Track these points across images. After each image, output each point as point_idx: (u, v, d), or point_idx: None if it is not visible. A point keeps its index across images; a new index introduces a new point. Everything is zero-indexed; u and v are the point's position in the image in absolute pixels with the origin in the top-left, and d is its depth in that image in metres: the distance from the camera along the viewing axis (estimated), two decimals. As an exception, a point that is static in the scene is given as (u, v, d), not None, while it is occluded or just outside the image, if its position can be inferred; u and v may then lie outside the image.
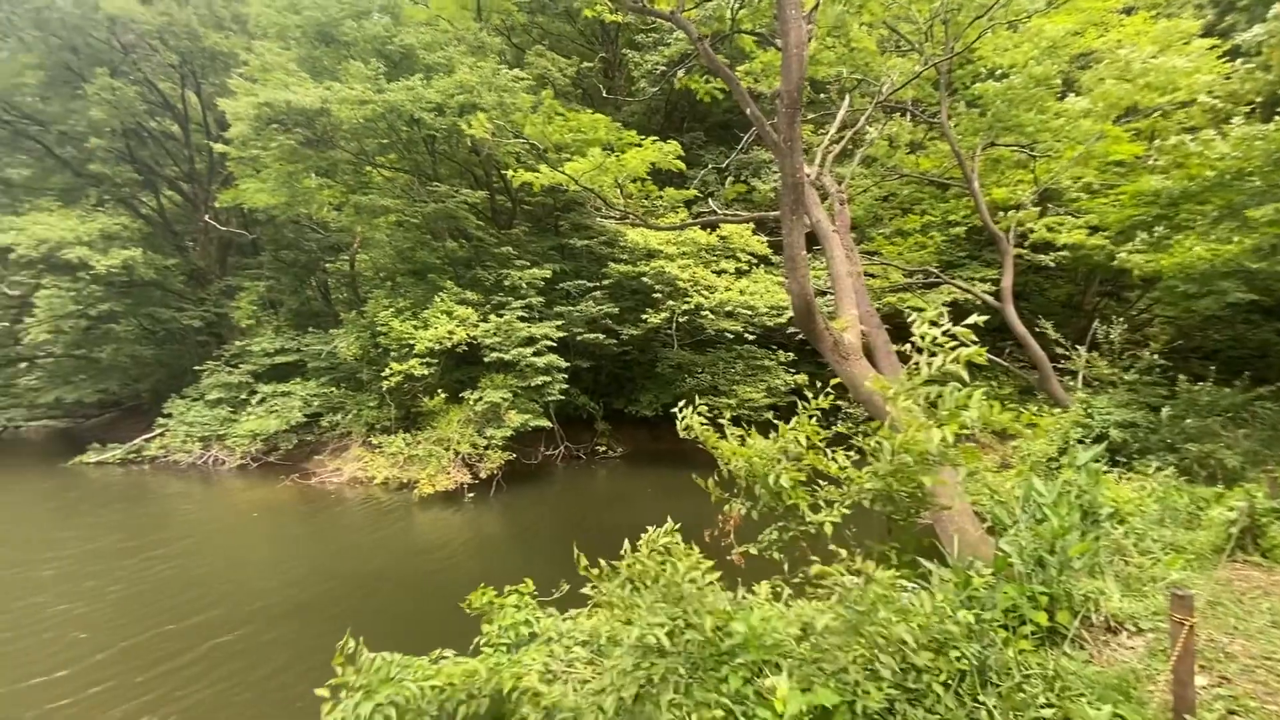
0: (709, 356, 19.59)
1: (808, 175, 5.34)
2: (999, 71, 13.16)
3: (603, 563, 3.07)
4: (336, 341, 18.76)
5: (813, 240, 6.03)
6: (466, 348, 16.24)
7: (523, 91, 15.33)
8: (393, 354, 16.53)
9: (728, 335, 18.39)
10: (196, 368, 21.11)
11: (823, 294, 10.74)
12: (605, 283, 18.82)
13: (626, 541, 3.18)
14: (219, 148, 18.06)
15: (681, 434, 3.46)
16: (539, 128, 9.69)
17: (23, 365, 23.25)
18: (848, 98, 8.94)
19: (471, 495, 14.81)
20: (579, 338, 18.29)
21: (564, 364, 17.02)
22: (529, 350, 16.25)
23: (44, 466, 19.22)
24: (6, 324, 21.28)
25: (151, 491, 16.21)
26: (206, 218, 23.12)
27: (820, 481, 3.03)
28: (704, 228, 18.05)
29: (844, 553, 3.01)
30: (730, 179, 19.01)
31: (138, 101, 20.26)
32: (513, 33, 22.49)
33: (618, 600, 2.83)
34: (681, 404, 3.64)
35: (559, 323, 17.51)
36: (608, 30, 22.93)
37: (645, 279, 18.07)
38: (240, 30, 20.81)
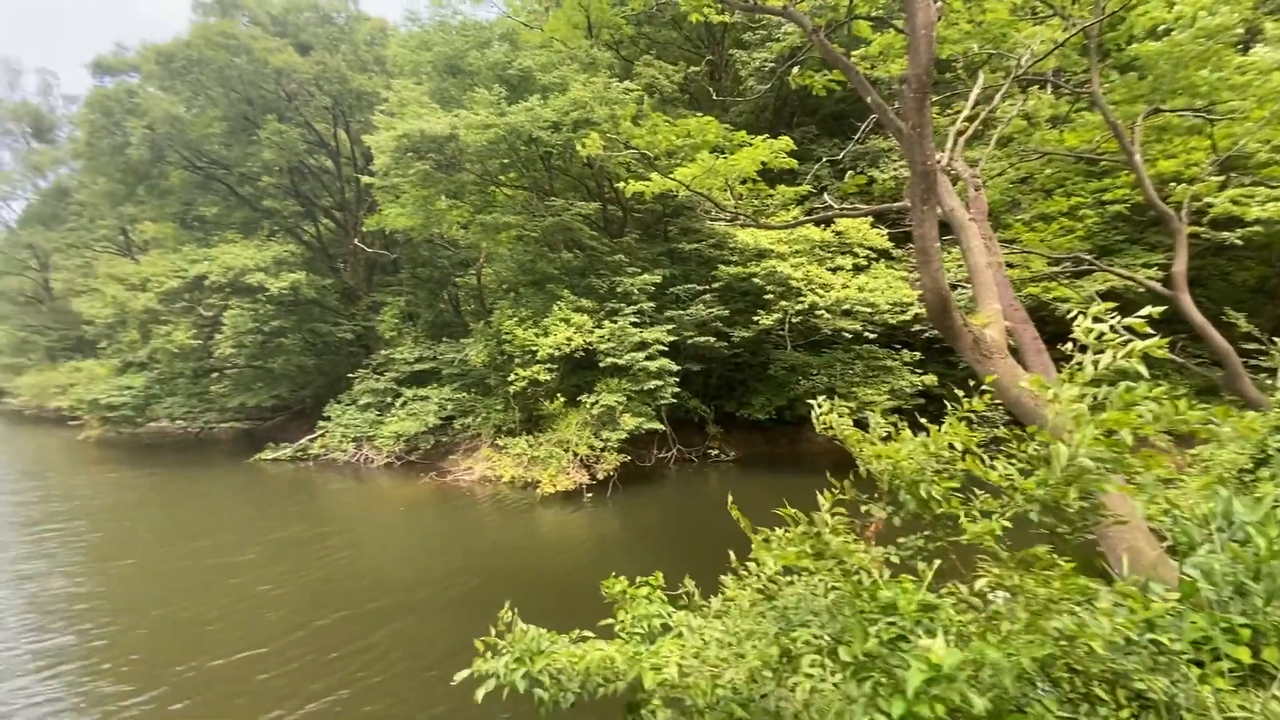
0: (824, 357, 18.89)
1: (938, 161, 5.02)
2: (1160, 28, 11.56)
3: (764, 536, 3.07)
4: (466, 350, 20.20)
5: (944, 231, 5.64)
6: (583, 353, 16.85)
7: (632, 103, 15.70)
8: (516, 360, 17.51)
9: (845, 335, 17.64)
10: (349, 375, 23.62)
11: (955, 287, 10.00)
12: (715, 285, 18.75)
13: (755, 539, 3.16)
14: (365, 179, 20.13)
15: (820, 431, 3.36)
16: (648, 137, 9.85)
17: (214, 375, 27.13)
18: (980, 75, 8.27)
19: (590, 495, 15.32)
20: (689, 341, 18.35)
21: (675, 367, 17.16)
22: (641, 354, 16.55)
23: (232, 462, 22.35)
24: (201, 340, 24.96)
25: (317, 486, 18.29)
26: (356, 241, 25.83)
27: (975, 489, 2.83)
28: (819, 224, 17.45)
29: (997, 570, 2.79)
30: (851, 171, 18.25)
31: (299, 142, 23.09)
32: (621, 46, 23.08)
33: (772, 568, 2.83)
34: (820, 400, 3.54)
35: (670, 327, 17.68)
36: (714, 32, 22.89)
37: (756, 280, 17.79)
38: (380, 70, 23.08)
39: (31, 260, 46.10)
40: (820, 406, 3.45)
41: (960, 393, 3.15)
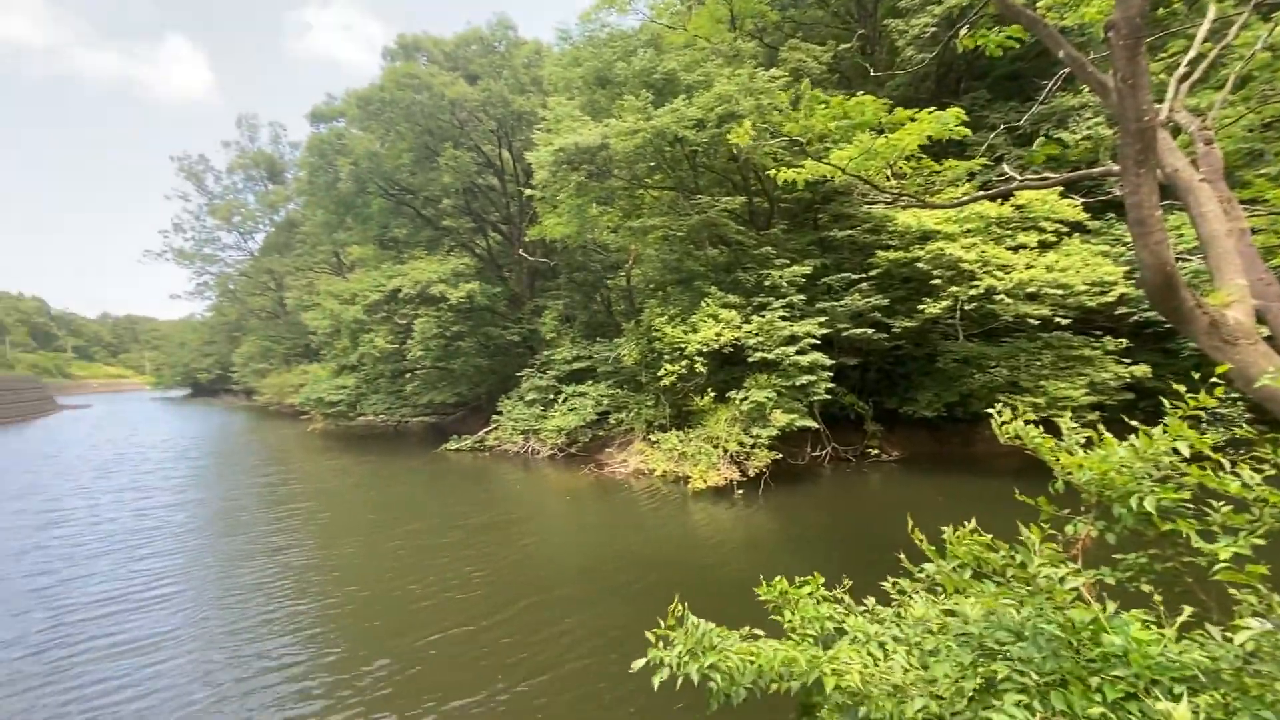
0: (1004, 347, 16.97)
1: (1157, 115, 4.28)
2: None
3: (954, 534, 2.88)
4: (618, 348, 21.05)
5: (1164, 195, 4.82)
6: (731, 349, 16.77)
7: (779, 90, 15.28)
8: (666, 357, 17.89)
9: (1031, 321, 15.70)
10: (517, 374, 25.72)
11: (1180, 260, 8.38)
12: (872, 273, 17.66)
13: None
14: (527, 192, 21.76)
15: (1005, 441, 3.04)
16: (802, 121, 9.50)
17: (407, 376, 30.98)
18: (1210, 6, 6.86)
19: (741, 492, 15.21)
20: (844, 334, 17.47)
21: (829, 362, 16.44)
22: (792, 349, 16.08)
23: (424, 452, 25.39)
24: (397, 346, 28.61)
25: (494, 474, 20.15)
26: (520, 251, 28.04)
27: (1212, 502, 2.39)
28: (995, 198, 15.73)
29: (1252, 597, 2.33)
30: (1041, 139, 16.25)
31: (471, 164, 25.57)
32: (764, 33, 22.57)
33: (949, 583, 2.64)
34: (999, 408, 3.19)
35: (821, 319, 16.97)
36: (864, 4, 21.54)
37: (920, 264, 16.46)
38: (537, 90, 24.79)
39: (270, 282, 56.11)
40: (1000, 415, 3.09)
41: (1181, 387, 2.67)
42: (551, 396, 23.67)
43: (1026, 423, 3.04)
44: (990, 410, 3.34)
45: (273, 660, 7.44)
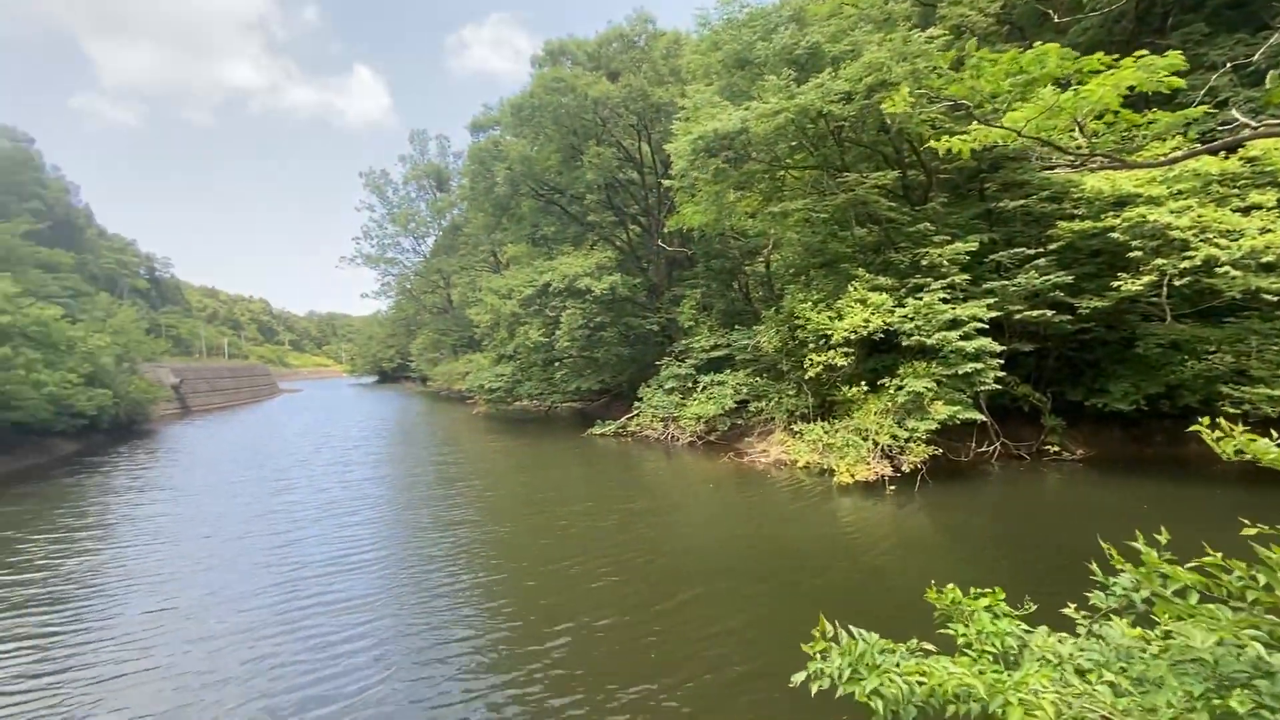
0: (1229, 329, 14.23)
1: None
2: None
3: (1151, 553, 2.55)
4: (758, 336, 20.68)
5: None
6: (882, 335, 15.77)
7: (937, 52, 13.97)
8: (810, 345, 17.26)
9: (1268, 297, 12.99)
10: (656, 362, 26.29)
11: None
12: (1051, 247, 15.64)
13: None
14: (666, 183, 22.03)
15: (1230, 458, 2.57)
16: (968, 83, 8.60)
17: (556, 364, 32.92)
18: None
19: (893, 488, 14.31)
20: (1016, 316, 15.68)
21: (998, 348, 14.86)
22: (954, 334, 14.74)
23: (572, 435, 26.91)
24: (547, 336, 30.47)
25: (636, 458, 20.83)
26: (658, 242, 28.51)
27: None
28: (1219, 152, 13.19)
29: None
30: (1276, 74, 13.36)
31: (612, 160, 26.41)
32: (919, -10, 20.68)
33: (1168, 607, 2.30)
34: (1204, 420, 2.69)
35: (990, 301, 15.36)
36: (1043, -59, 18.92)
37: (1115, 235, 14.26)
38: (676, 80, 24.92)
39: (440, 281, 62.36)
40: (1211, 427, 2.58)
41: None
42: (690, 385, 23.90)
43: (1249, 430, 2.54)
44: (1208, 404, 2.83)
45: (458, 629, 7.83)
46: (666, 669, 6.70)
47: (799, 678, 2.55)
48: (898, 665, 2.41)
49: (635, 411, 25.63)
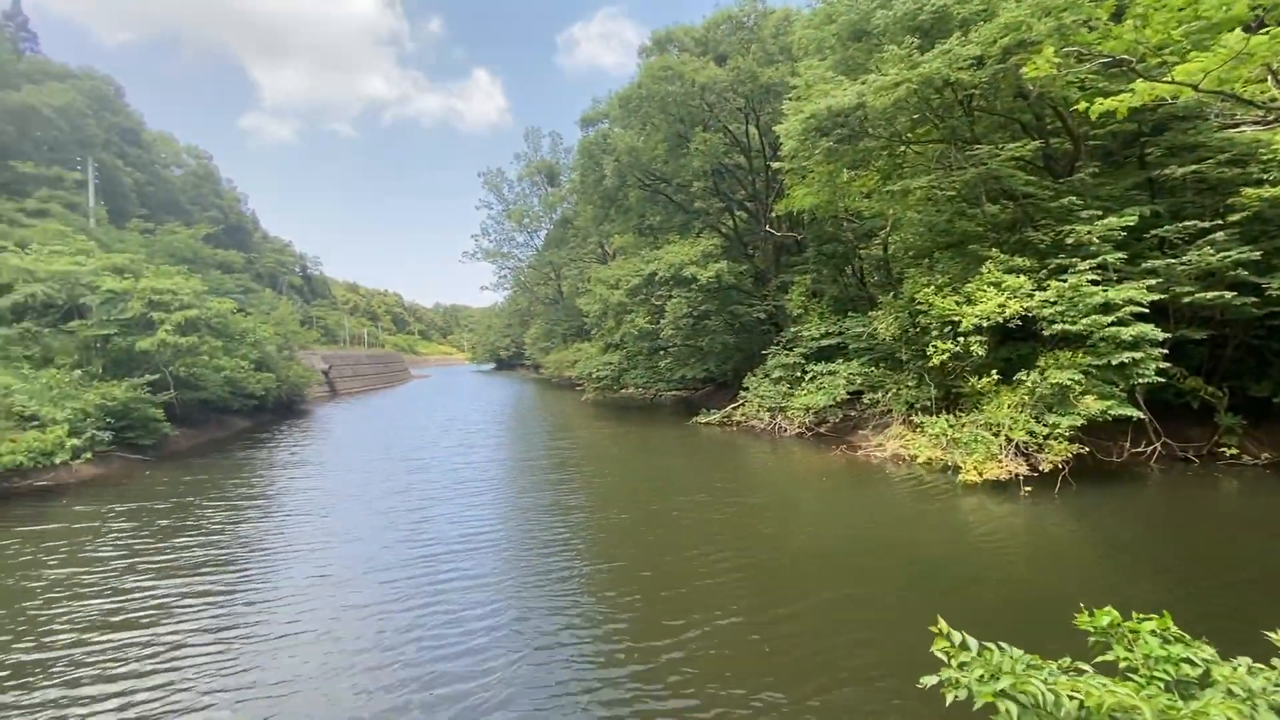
0: None
1: None
2: None
3: None
4: (874, 323, 19.63)
5: None
6: (1019, 321, 14.40)
7: (1089, 2, 12.39)
8: (933, 332, 16.14)
9: None
10: (763, 351, 25.76)
11: None
12: (1233, 218, 13.50)
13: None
14: (775, 165, 21.40)
15: None
16: (1126, 37, 7.61)
17: (661, 353, 33.23)
18: None
19: (1029, 489, 13.09)
20: (1185, 299, 13.74)
21: (1161, 335, 13.09)
22: (1106, 319, 13.16)
23: (676, 423, 27.08)
24: (652, 325, 30.80)
25: (742, 448, 20.58)
26: (766, 227, 27.81)
27: None
28: None
29: None
30: None
31: (719, 145, 26.02)
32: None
33: None
34: None
35: (1150, 282, 13.56)
36: None
37: (1320, 202, 12.02)
38: (786, 58, 24.04)
39: (551, 273, 64.88)
40: None
41: None
42: (798, 374, 23.18)
43: None
44: None
45: (577, 618, 7.78)
46: (795, 676, 6.33)
47: (929, 680, 2.41)
48: (1045, 681, 2.19)
49: (740, 401, 25.29)
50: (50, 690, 6.16)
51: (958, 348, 15.17)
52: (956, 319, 15.17)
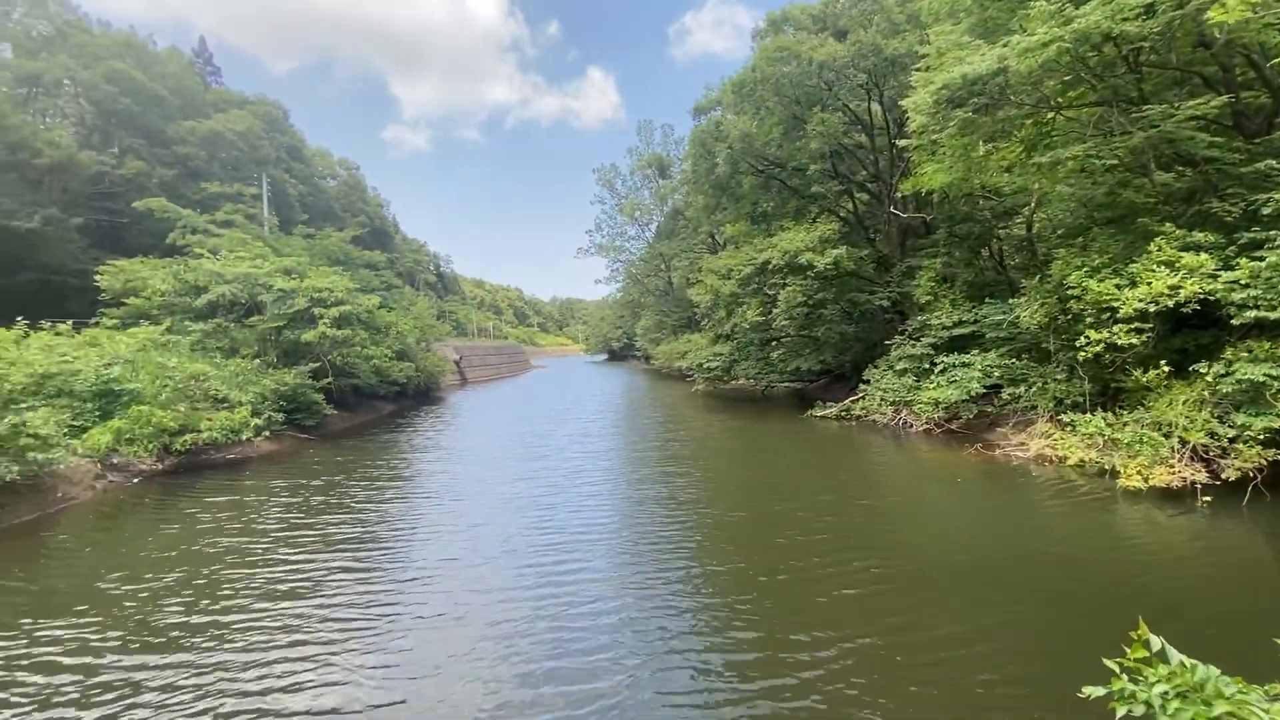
0: None
1: None
2: None
3: None
4: (1016, 310, 17.90)
5: None
6: (1196, 306, 12.49)
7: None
8: (1088, 319, 14.44)
9: None
10: (886, 341, 24.36)
11: None
12: None
13: None
14: (901, 143, 20.09)
15: None
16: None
17: (773, 344, 32.42)
18: None
19: (1208, 499, 11.36)
20: None
21: (1400, 321, 10.78)
22: (1318, 303, 11.06)
23: (790, 416, 26.35)
24: (764, 315, 30.09)
25: (863, 445, 19.62)
26: (890, 209, 26.20)
27: None
28: None
29: None
30: None
31: (838, 125, 24.84)
32: None
33: None
34: None
35: (1386, 257, 11.19)
36: None
37: None
38: (914, 27, 22.40)
39: (661, 265, 65.38)
40: None
41: None
42: (926, 366, 21.67)
43: None
44: None
45: (704, 621, 7.38)
46: (949, 712, 5.62)
47: (1095, 691, 2.17)
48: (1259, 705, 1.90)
49: (860, 394, 24.11)
50: (216, 653, 6.75)
51: (1116, 337, 13.44)
52: (1115, 304, 13.44)
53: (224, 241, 28.82)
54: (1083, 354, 14.62)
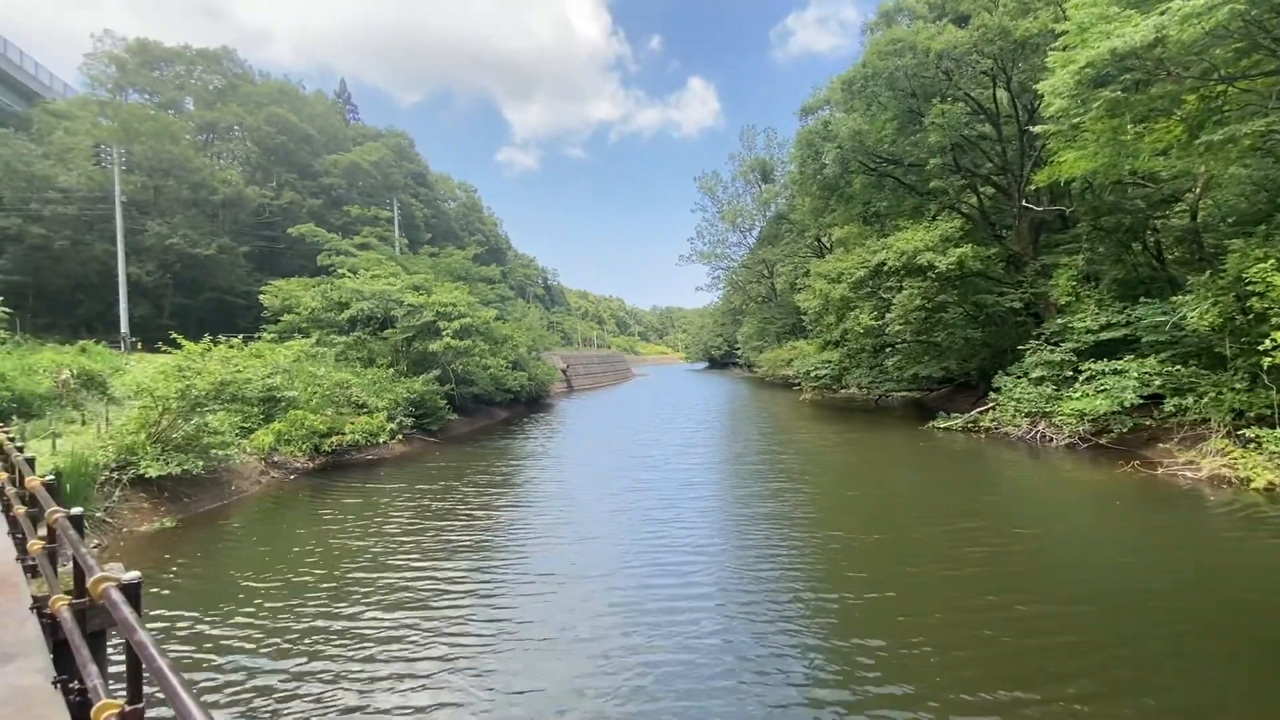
0: None
1: None
2: None
3: None
4: (1181, 310, 15.79)
5: None
6: None
7: None
8: (1274, 319, 12.46)
9: None
10: (1018, 347, 22.33)
11: None
12: None
13: None
14: (1038, 128, 18.49)
15: None
16: None
17: (888, 350, 30.69)
18: None
19: None
20: None
21: None
22: None
23: (908, 428, 24.78)
24: (877, 321, 28.55)
25: (996, 460, 18.02)
26: (1022, 202, 24.09)
27: None
28: None
29: None
30: None
31: (961, 116, 23.22)
32: None
33: None
34: None
35: None
36: None
37: None
38: (1046, 3, 20.54)
39: (764, 270, 64.17)
40: None
41: None
42: (1067, 374, 19.61)
43: None
44: None
45: (820, 668, 6.55)
46: None
47: None
48: None
49: (990, 404, 22.23)
50: (339, 662, 6.81)
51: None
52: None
53: (361, 261, 31.79)
54: (1269, 359, 12.62)
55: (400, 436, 20.84)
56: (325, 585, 9.19)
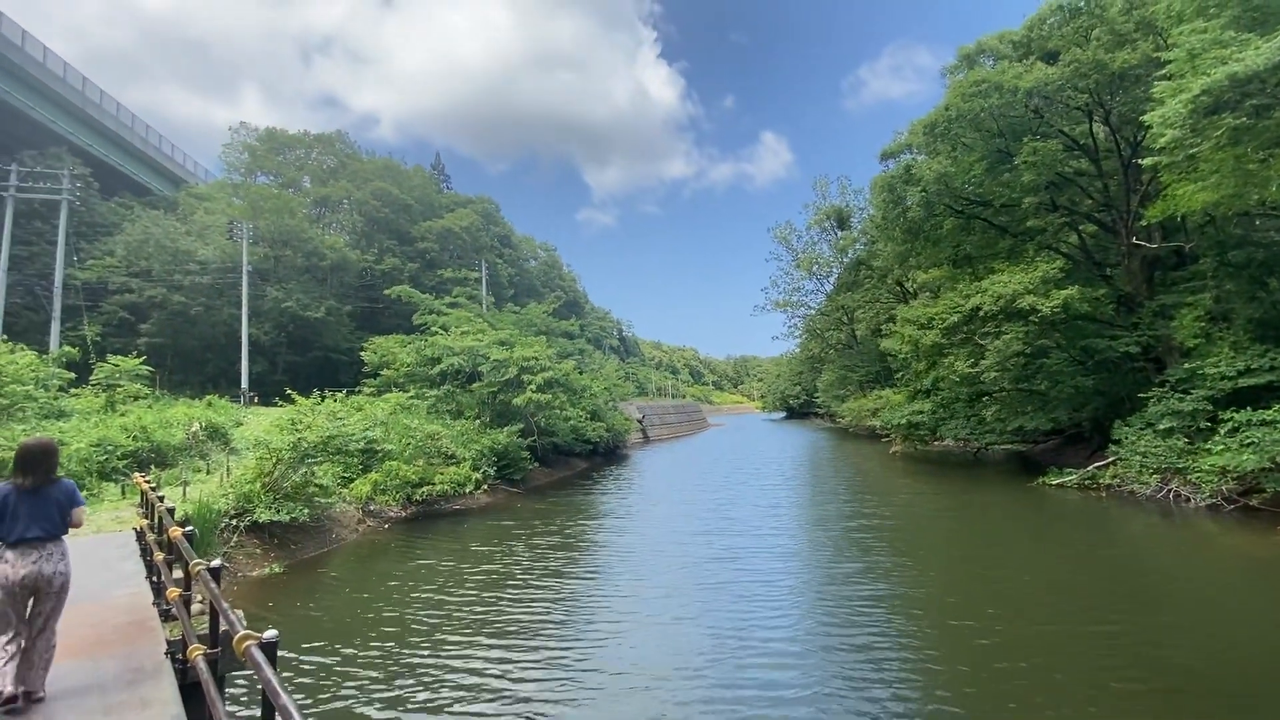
0: None
1: None
2: None
3: None
4: (1341, 352, 13.90)
5: None
6: None
7: None
8: None
9: None
10: (1139, 395, 20.34)
11: None
12: None
13: None
14: (1146, 161, 17.32)
15: None
16: None
17: (984, 399, 28.73)
18: None
19: None
20: None
21: None
22: None
23: (1011, 483, 22.82)
24: (973, 368, 26.84)
25: (1126, 525, 16.02)
26: (1131, 240, 22.44)
27: None
28: None
29: None
30: None
31: (1055, 153, 22.16)
32: None
33: None
34: None
35: None
36: None
37: None
38: (1144, 33, 19.57)
39: (843, 317, 62.52)
40: None
41: None
42: (1203, 424, 17.57)
43: None
44: None
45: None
46: None
47: None
48: None
49: (1109, 459, 20.20)
50: (421, 713, 6.87)
51: None
52: None
53: (452, 319, 33.63)
54: None
55: (485, 487, 21.33)
56: (415, 631, 9.34)
